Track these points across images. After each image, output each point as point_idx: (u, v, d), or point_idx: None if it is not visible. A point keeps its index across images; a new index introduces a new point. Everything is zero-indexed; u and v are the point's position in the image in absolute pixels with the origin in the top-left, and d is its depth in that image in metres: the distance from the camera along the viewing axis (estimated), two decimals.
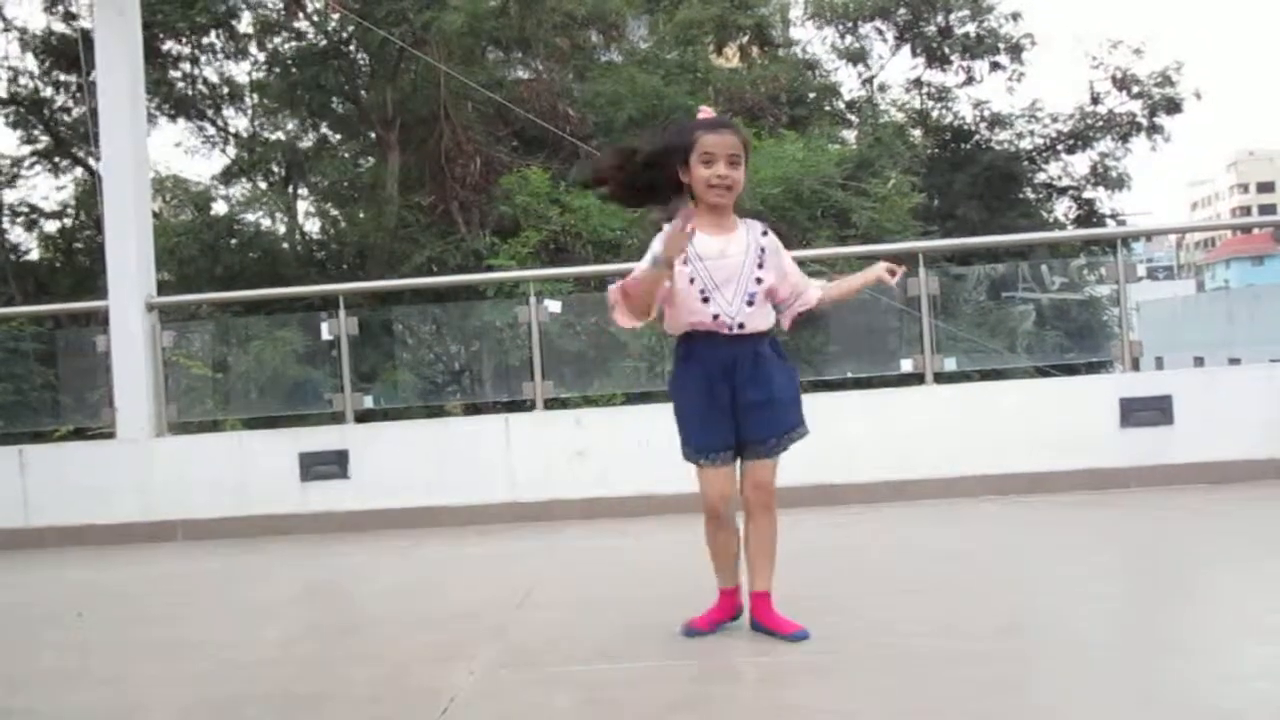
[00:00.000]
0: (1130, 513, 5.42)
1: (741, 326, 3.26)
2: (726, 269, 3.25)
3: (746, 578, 3.43)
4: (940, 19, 18.79)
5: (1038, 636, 3.40)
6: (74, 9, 14.52)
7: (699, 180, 3.26)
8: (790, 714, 2.80)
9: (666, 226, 3.14)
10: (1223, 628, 3.42)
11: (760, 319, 3.30)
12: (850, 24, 19.06)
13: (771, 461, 3.34)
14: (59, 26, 14.73)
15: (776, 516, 3.38)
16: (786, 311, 3.40)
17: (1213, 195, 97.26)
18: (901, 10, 18.72)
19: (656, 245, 3.18)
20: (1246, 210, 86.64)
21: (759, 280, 3.27)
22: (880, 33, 19.23)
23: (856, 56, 19.27)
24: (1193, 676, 2.94)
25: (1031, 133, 19.63)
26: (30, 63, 15.20)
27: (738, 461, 3.36)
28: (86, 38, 11.45)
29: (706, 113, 3.38)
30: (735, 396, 3.28)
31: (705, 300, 3.25)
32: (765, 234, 3.36)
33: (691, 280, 3.24)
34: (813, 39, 19.52)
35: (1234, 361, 13.15)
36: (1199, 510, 5.38)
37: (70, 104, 15.41)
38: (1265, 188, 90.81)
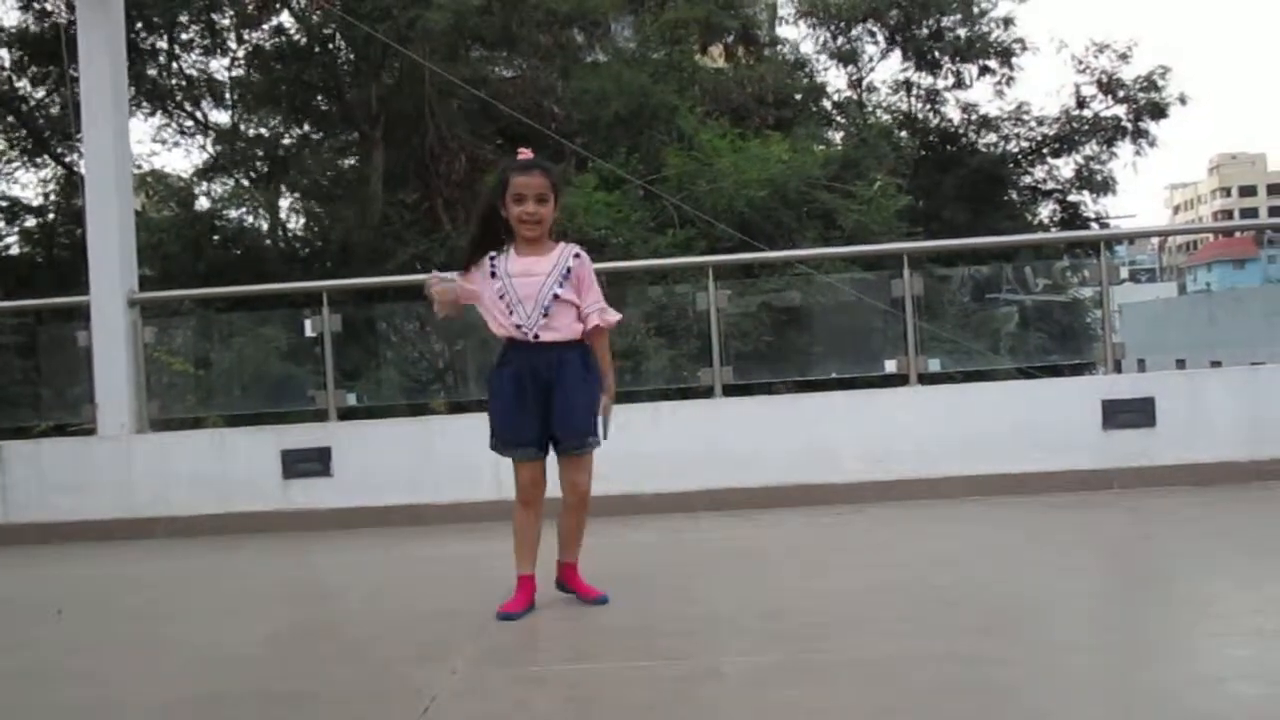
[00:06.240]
0: (1112, 514, 5.45)
1: (538, 336, 3.74)
2: (529, 285, 3.75)
3: (558, 550, 3.95)
4: (932, 22, 18.78)
5: (1019, 637, 3.41)
6: (48, 5, 14.39)
7: (513, 216, 3.76)
8: (771, 714, 2.80)
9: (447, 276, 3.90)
10: (1203, 629, 3.44)
11: (559, 330, 3.75)
12: (842, 24, 19.03)
13: (581, 460, 3.82)
14: (34, 23, 14.57)
15: (587, 512, 3.90)
16: (585, 323, 3.82)
17: (1195, 198, 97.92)
18: (894, 12, 18.71)
19: (457, 281, 3.86)
20: (1228, 214, 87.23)
21: (556, 296, 3.75)
22: (872, 34, 19.22)
23: (847, 57, 19.26)
24: (1173, 678, 2.96)
25: (1018, 136, 19.63)
26: (4, 57, 15.06)
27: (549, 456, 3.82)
28: (64, 32, 11.34)
29: (525, 154, 3.84)
30: (546, 398, 3.74)
31: (511, 312, 3.75)
32: (578, 256, 3.82)
33: (501, 295, 3.76)
34: (805, 38, 19.49)
35: (1215, 364, 13.25)
36: (1180, 512, 5.41)
37: (48, 99, 15.27)
38: (1247, 191, 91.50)
